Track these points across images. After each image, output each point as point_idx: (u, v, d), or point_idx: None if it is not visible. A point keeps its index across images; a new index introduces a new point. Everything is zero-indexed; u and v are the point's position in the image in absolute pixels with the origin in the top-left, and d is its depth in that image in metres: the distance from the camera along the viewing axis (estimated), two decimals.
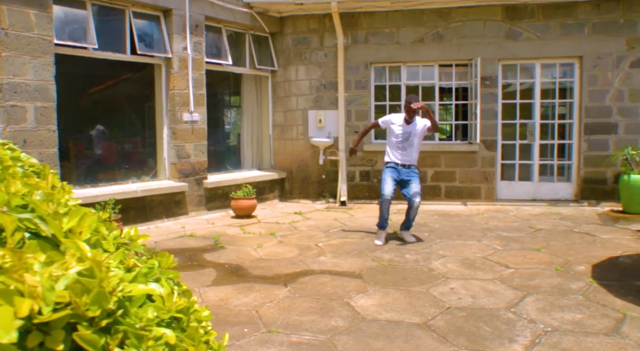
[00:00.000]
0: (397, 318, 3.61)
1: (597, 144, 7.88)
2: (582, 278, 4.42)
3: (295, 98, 8.86)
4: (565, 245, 5.56)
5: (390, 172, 5.83)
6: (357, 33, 8.37)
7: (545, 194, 8.20)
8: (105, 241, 0.84)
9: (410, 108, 5.67)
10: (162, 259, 0.90)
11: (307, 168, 8.90)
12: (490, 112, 8.09)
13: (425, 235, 6.16)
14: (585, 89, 7.85)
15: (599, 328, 3.36)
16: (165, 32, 7.19)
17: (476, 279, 4.45)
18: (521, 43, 7.92)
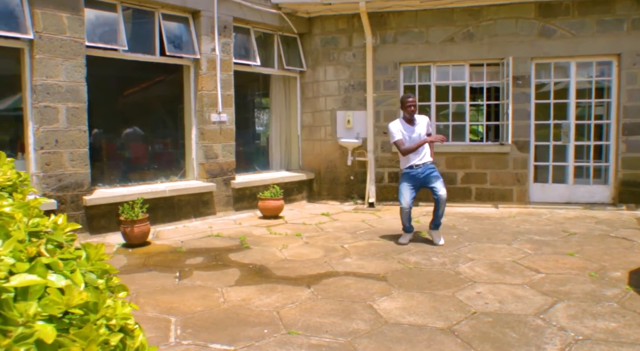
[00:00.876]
0: (421, 322, 3.52)
1: (637, 145, 7.57)
2: (618, 284, 4.22)
3: (323, 99, 8.81)
4: (600, 250, 5.35)
5: (408, 180, 5.80)
6: (386, 33, 8.27)
7: (580, 197, 7.93)
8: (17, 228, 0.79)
9: (411, 103, 5.66)
10: (90, 251, 0.85)
11: (335, 169, 8.84)
12: (522, 113, 7.87)
13: (454, 238, 6.03)
14: (623, 88, 7.56)
15: (635, 338, 3.19)
16: (194, 33, 7.24)
17: (504, 284, 4.31)
18: (555, 41, 7.68)
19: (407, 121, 5.77)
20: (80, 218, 6.05)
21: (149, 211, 6.10)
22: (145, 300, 4.03)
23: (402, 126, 5.77)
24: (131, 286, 4.38)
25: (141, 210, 5.88)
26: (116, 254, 5.51)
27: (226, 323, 3.54)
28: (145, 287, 4.36)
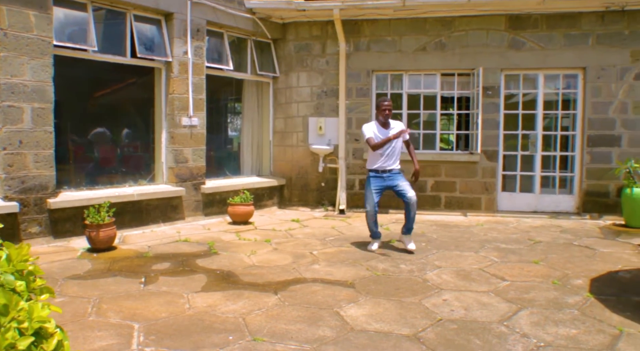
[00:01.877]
0: (387, 329, 3.52)
1: (600, 157, 7.77)
2: (580, 292, 4.31)
3: (296, 105, 8.81)
4: (564, 258, 5.45)
5: (374, 184, 5.79)
6: (359, 40, 8.33)
7: (546, 207, 8.09)
8: None
9: (386, 107, 5.66)
10: (12, 251, 0.83)
11: (306, 175, 8.83)
12: (492, 123, 8.01)
13: (423, 245, 6.06)
14: (588, 100, 7.76)
15: (594, 344, 3.25)
16: (166, 35, 7.17)
17: (470, 291, 4.35)
18: (524, 53, 7.85)
19: (382, 124, 5.77)
20: (44, 222, 5.89)
21: (116, 215, 5.98)
22: (109, 305, 3.94)
23: (376, 128, 5.78)
24: (94, 291, 4.28)
25: (107, 214, 5.76)
26: (80, 259, 5.38)
27: (191, 330, 3.47)
28: (109, 292, 4.26)
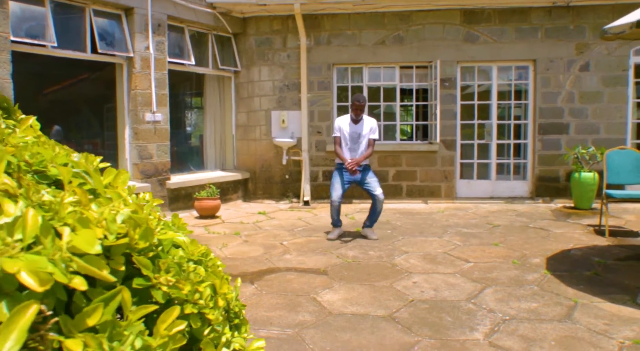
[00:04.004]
0: (363, 312, 3.71)
1: (550, 144, 8.22)
2: (537, 269, 4.63)
3: (258, 99, 8.88)
4: (521, 240, 5.79)
5: (340, 175, 5.96)
6: (320, 34, 8.47)
7: (502, 192, 8.49)
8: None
9: (358, 105, 5.81)
10: (175, 219, 1.00)
11: (270, 168, 8.93)
12: (449, 113, 8.32)
13: (388, 232, 6.30)
14: (539, 90, 8.18)
15: (553, 315, 3.54)
16: (127, 31, 7.11)
17: (438, 273, 4.60)
18: (479, 46, 8.19)
19: (353, 120, 5.94)
20: None
21: None
22: None
23: (346, 122, 5.94)
24: None
25: None
26: None
27: None
28: None
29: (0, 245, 0.61)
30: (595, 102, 8.09)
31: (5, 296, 0.60)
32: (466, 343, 3.13)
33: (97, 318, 0.67)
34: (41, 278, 0.61)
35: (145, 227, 0.79)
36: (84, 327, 0.66)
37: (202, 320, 0.91)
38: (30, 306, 0.58)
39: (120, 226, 0.77)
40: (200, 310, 0.91)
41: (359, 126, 5.91)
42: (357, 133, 5.89)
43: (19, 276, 0.60)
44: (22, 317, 0.58)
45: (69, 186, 0.80)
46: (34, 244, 0.65)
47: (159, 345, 0.75)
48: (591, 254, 5.11)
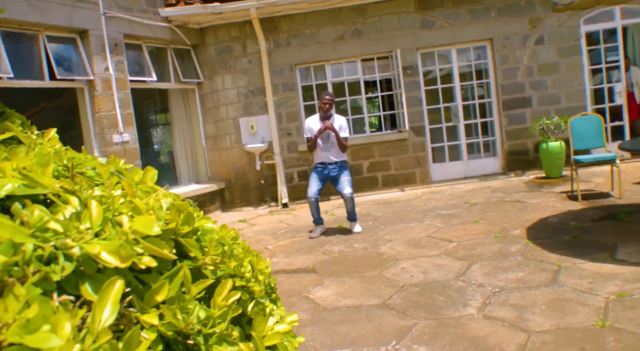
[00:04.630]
0: (357, 303, 3.76)
1: (516, 119, 8.42)
2: (519, 240, 4.75)
3: (224, 107, 8.86)
4: (499, 214, 5.93)
5: (317, 173, 6.04)
6: (279, 36, 8.50)
7: (475, 171, 8.66)
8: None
9: (326, 101, 5.85)
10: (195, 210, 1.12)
11: (245, 175, 8.93)
12: (415, 100, 8.44)
13: (370, 224, 6.37)
14: (498, 68, 8.37)
15: (539, 281, 3.66)
16: (84, 54, 7.02)
17: (424, 257, 4.68)
18: (436, 31, 8.33)
19: (322, 118, 5.97)
20: None
21: None
22: None
23: (315, 122, 5.98)
24: None
25: None
26: None
27: None
28: None
29: (75, 233, 0.69)
30: (553, 73, 8.31)
31: (88, 278, 0.68)
32: (461, 319, 3.21)
33: (165, 293, 0.75)
34: (121, 255, 0.69)
35: (187, 212, 0.88)
36: (154, 303, 0.74)
37: (248, 293, 1.03)
38: (116, 281, 0.67)
39: (166, 212, 0.86)
40: (247, 284, 1.03)
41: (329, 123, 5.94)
42: (327, 132, 5.92)
43: (100, 256, 0.68)
44: (111, 291, 0.65)
45: (108, 182, 0.89)
46: (101, 232, 0.73)
47: (220, 315, 0.85)
48: (567, 219, 5.27)
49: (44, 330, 0.56)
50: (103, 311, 0.64)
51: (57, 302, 0.63)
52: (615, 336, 2.74)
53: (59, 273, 0.64)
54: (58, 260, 0.65)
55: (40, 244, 0.65)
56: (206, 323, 0.81)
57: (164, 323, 0.74)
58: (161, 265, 0.80)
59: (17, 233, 0.63)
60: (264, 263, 1.22)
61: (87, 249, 0.67)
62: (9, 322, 0.53)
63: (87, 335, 0.61)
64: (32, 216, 0.67)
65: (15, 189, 0.71)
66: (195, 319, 0.79)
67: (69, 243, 0.67)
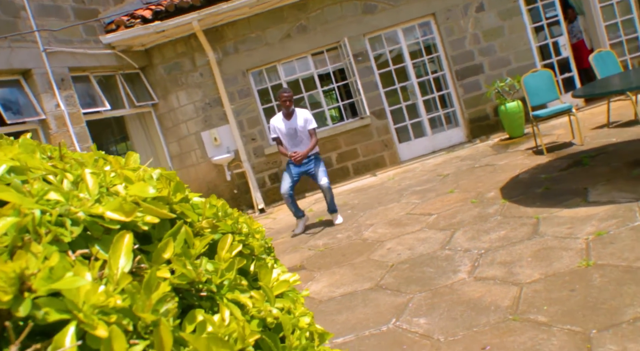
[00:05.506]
0: (350, 290, 3.80)
1: (471, 86, 8.57)
2: (495, 201, 4.86)
3: (184, 124, 8.78)
4: (472, 180, 6.05)
5: (289, 170, 6.01)
6: (226, 45, 8.46)
7: (441, 144, 8.79)
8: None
9: (284, 98, 5.83)
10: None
11: (217, 188, 8.87)
12: (370, 85, 8.52)
13: (349, 212, 6.42)
14: (446, 40, 8.50)
15: (522, 235, 3.75)
16: (31, 93, 6.86)
17: (407, 234, 4.75)
18: (379, 14, 8.41)
19: (285, 116, 5.93)
20: None
21: None
22: None
23: (280, 121, 5.94)
24: None
25: None
26: None
27: None
28: None
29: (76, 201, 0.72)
30: (498, 37, 8.49)
31: (96, 241, 0.71)
32: (454, 286, 3.28)
33: (171, 250, 0.79)
34: (125, 211, 0.73)
35: (177, 182, 0.93)
36: (162, 261, 0.78)
37: (248, 249, 1.10)
38: (126, 235, 0.70)
39: (157, 182, 0.91)
40: (246, 241, 1.09)
41: (292, 121, 5.91)
42: (292, 128, 5.89)
43: (105, 215, 0.72)
44: (122, 243, 0.69)
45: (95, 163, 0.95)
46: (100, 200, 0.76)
47: (226, 267, 0.89)
48: (537, 173, 5.41)
49: (68, 276, 0.59)
50: (118, 261, 0.67)
51: (74, 257, 0.66)
52: (600, 272, 2.84)
53: (68, 236, 0.67)
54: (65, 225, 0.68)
55: (47, 209, 0.68)
56: (215, 274, 0.86)
57: (176, 276, 0.77)
58: (160, 232, 0.83)
59: (24, 200, 0.66)
60: (257, 224, 1.28)
61: (92, 210, 0.71)
62: (34, 272, 0.56)
63: (107, 282, 0.64)
64: (33, 188, 0.70)
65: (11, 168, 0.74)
66: (204, 270, 0.83)
67: (72, 209, 0.70)
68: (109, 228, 0.73)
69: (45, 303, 0.56)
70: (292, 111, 5.93)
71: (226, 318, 0.80)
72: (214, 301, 0.85)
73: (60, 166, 0.84)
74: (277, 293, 1.03)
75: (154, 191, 0.81)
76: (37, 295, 0.55)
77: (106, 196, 0.79)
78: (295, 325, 1.01)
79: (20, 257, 0.57)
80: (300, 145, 5.93)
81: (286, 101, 5.83)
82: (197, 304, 0.83)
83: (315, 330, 1.09)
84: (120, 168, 0.91)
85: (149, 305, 0.64)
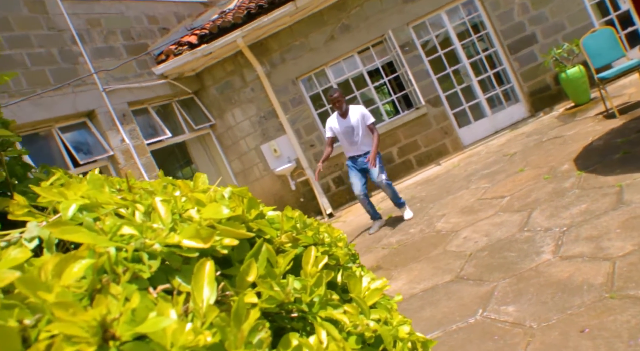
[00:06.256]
0: (431, 285, 3.71)
1: (526, 59, 8.22)
2: (570, 174, 4.62)
3: (243, 141, 8.95)
4: (542, 156, 5.78)
5: (352, 169, 5.94)
6: (272, 56, 8.55)
7: (503, 123, 8.48)
8: None
9: (333, 100, 5.77)
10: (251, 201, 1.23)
11: (283, 199, 8.97)
12: (421, 73, 8.35)
13: (418, 205, 6.30)
14: (492, 15, 8.20)
15: (605, 206, 3.53)
16: (98, 132, 7.21)
17: (481, 220, 4.59)
18: (419, 1, 8.22)
19: (340, 115, 5.87)
20: None
21: None
22: None
23: (335, 121, 5.89)
24: None
25: None
26: None
27: None
28: None
29: (150, 233, 0.70)
30: (548, 2, 8.10)
31: (176, 272, 0.69)
32: (539, 268, 3.13)
33: (255, 272, 0.75)
34: (202, 236, 0.70)
35: (250, 197, 0.92)
36: (247, 285, 0.74)
37: (333, 259, 1.03)
38: (206, 262, 0.67)
39: (229, 200, 0.90)
40: (330, 251, 1.02)
41: (347, 120, 5.83)
42: (350, 127, 5.81)
43: (182, 244, 0.69)
44: (204, 272, 0.66)
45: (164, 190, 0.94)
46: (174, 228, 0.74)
47: (314, 283, 0.84)
48: (612, 138, 5.10)
49: (152, 316, 0.56)
50: (202, 292, 0.64)
51: (155, 294, 0.64)
52: None
53: (147, 271, 0.65)
54: (143, 260, 0.66)
55: (122, 245, 0.66)
56: (304, 292, 0.82)
57: (264, 300, 0.74)
58: (240, 253, 0.80)
59: (98, 239, 0.64)
60: (337, 231, 1.22)
61: (167, 240, 0.69)
62: (116, 317, 0.54)
63: (194, 317, 0.61)
64: (105, 225, 0.69)
65: (81, 207, 0.73)
66: (292, 290, 0.79)
67: (147, 242, 0.68)
68: (188, 257, 0.70)
69: (132, 349, 0.53)
70: (345, 110, 5.85)
71: (323, 340, 0.75)
72: (306, 321, 0.81)
73: (130, 197, 0.83)
74: (370, 304, 0.98)
75: (228, 211, 0.79)
76: (121, 341, 0.53)
77: (180, 222, 0.77)
78: (395, 336, 0.95)
79: (100, 302, 0.55)
80: (357, 143, 5.86)
81: (336, 102, 5.78)
82: (289, 326, 0.79)
83: (417, 339, 1.02)
84: (190, 191, 0.90)
85: (241, 337, 0.61)
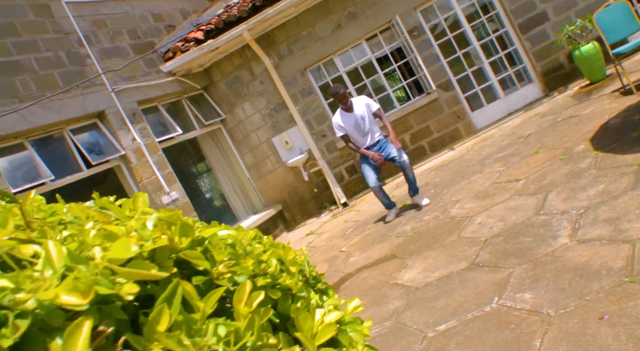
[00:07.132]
0: (446, 273, 3.64)
1: (538, 37, 8.03)
2: (587, 154, 4.49)
3: (254, 134, 8.91)
4: (557, 136, 5.64)
5: (366, 160, 5.88)
6: (279, 48, 8.47)
7: (516, 104, 8.31)
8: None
9: (339, 97, 5.70)
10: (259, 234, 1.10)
11: (297, 191, 8.93)
12: (431, 58, 8.21)
13: (432, 192, 6.21)
14: None
15: (624, 187, 3.41)
16: (108, 133, 7.22)
17: (496, 205, 4.50)
18: None
19: (345, 110, 5.82)
20: None
21: None
22: None
23: (341, 117, 5.82)
24: None
25: None
26: None
27: None
28: None
29: (30, 283, 0.60)
30: None
31: (58, 332, 0.59)
32: (556, 253, 3.04)
33: (166, 321, 0.65)
34: (81, 291, 0.60)
35: (181, 223, 0.79)
36: (158, 336, 0.64)
37: (282, 291, 0.91)
38: (83, 323, 0.57)
39: (152, 230, 0.77)
40: (275, 282, 0.90)
41: (353, 113, 5.77)
42: (357, 119, 5.75)
43: (58, 300, 0.59)
44: (78, 336, 0.56)
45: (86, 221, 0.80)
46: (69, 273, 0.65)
47: (247, 326, 0.73)
48: (630, 115, 4.94)
49: None
50: None
51: None
52: None
53: (10, 337, 0.55)
54: (8, 322, 0.56)
55: None
56: (229, 341, 0.70)
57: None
58: (163, 290, 0.70)
59: None
60: (294, 252, 1.09)
61: (42, 296, 0.58)
62: None
63: None
64: None
65: None
66: (213, 339, 0.68)
67: (18, 298, 0.58)
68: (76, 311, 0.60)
69: None
70: (350, 104, 5.80)
71: None
72: None
73: (24, 236, 0.72)
74: (323, 341, 0.86)
75: (136, 249, 0.68)
76: None
77: (79, 265, 0.66)
78: None
79: None
80: (368, 132, 5.80)
81: (341, 100, 5.72)
82: None
83: None
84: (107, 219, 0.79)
85: None
